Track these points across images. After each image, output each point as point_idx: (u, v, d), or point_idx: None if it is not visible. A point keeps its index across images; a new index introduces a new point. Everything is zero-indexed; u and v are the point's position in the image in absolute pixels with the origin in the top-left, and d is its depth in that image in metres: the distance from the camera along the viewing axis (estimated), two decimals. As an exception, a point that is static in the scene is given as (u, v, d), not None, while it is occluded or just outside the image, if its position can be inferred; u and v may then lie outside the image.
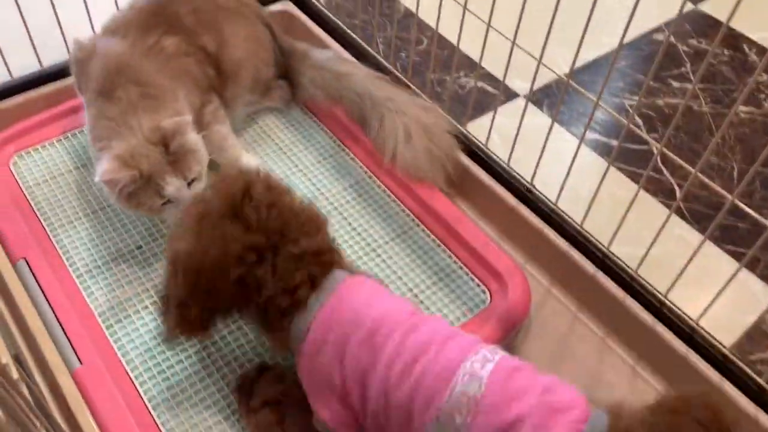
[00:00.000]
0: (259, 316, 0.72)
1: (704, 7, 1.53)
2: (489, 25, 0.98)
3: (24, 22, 1.06)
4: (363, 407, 0.65)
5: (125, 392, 0.82)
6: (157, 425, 0.81)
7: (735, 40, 1.45)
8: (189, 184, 0.89)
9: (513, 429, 0.56)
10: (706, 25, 1.49)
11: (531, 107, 1.25)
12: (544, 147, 0.99)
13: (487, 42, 0.99)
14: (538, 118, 1.26)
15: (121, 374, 0.84)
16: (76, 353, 0.84)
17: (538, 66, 0.94)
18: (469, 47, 1.32)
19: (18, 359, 0.84)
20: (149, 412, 0.82)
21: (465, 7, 1.01)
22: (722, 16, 1.51)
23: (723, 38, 1.45)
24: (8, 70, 1.11)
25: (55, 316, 0.88)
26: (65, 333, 0.86)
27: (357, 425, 0.67)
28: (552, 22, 0.88)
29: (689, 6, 1.52)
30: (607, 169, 0.91)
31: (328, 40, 1.27)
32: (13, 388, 0.49)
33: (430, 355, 0.62)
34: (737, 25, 1.48)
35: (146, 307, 0.91)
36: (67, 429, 0.73)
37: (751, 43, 1.43)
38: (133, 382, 0.84)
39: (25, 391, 0.52)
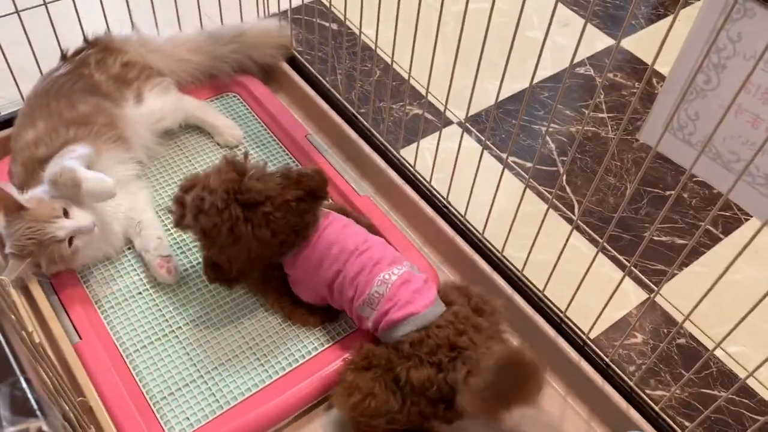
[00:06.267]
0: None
1: (624, 43, 1.76)
2: (432, 61, 1.20)
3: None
4: (330, 297, 1.08)
5: (115, 363, 1.06)
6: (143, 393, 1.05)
7: (645, 73, 1.68)
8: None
9: (391, 310, 0.98)
10: (623, 60, 1.72)
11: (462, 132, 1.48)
12: (454, 168, 1.21)
13: (432, 75, 1.19)
14: (469, 143, 1.49)
15: (112, 349, 1.08)
16: (76, 330, 1.08)
17: (471, 96, 1.13)
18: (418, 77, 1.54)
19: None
20: (135, 380, 1.05)
21: (413, 45, 1.23)
22: (638, 52, 1.74)
23: (635, 72, 1.69)
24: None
25: (60, 301, 1.11)
26: (68, 314, 1.10)
27: (325, 303, 1.10)
28: (480, 59, 1.05)
29: (609, 42, 1.75)
30: (524, 191, 1.10)
31: (289, 71, 1.50)
32: (36, 350, 0.72)
33: (366, 271, 1.02)
34: (648, 58, 1.71)
35: (140, 293, 1.15)
36: (70, 385, 0.96)
37: (660, 76, 1.66)
38: (122, 355, 1.08)
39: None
